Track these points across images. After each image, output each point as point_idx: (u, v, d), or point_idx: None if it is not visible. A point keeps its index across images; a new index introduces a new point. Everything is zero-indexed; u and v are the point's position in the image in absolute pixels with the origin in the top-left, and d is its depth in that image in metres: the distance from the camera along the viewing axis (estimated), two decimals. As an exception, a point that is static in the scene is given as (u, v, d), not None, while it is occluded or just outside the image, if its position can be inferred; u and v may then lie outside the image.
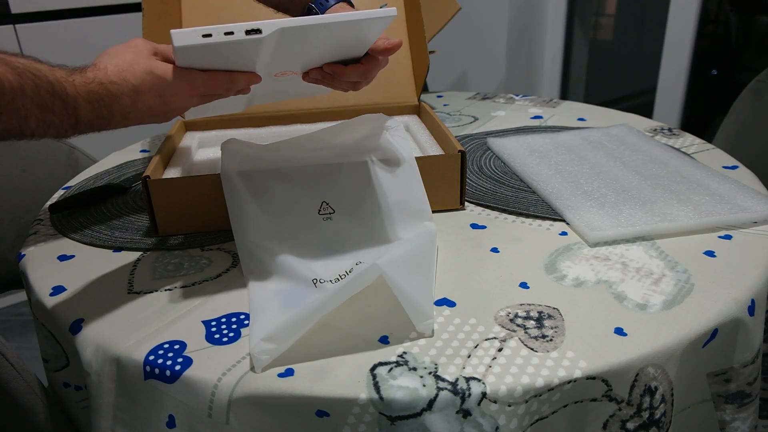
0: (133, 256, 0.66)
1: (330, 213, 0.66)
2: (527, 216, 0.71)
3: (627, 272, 0.58)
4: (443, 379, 0.45)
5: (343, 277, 0.58)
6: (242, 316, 0.54)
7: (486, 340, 0.49)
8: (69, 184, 0.87)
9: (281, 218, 0.65)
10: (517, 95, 1.20)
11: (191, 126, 0.92)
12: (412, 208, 0.67)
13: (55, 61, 0.50)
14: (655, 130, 0.97)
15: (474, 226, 0.69)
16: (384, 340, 0.50)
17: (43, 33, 1.58)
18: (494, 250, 0.63)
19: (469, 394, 0.44)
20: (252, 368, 0.47)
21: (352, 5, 0.68)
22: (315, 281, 0.57)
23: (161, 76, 0.52)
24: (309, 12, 0.67)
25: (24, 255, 0.67)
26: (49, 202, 0.80)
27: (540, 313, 0.53)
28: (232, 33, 0.50)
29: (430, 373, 0.46)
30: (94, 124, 0.50)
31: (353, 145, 0.68)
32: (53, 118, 0.47)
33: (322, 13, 0.66)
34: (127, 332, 0.52)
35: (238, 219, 0.64)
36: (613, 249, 0.63)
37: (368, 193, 0.66)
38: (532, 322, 0.52)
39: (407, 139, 0.69)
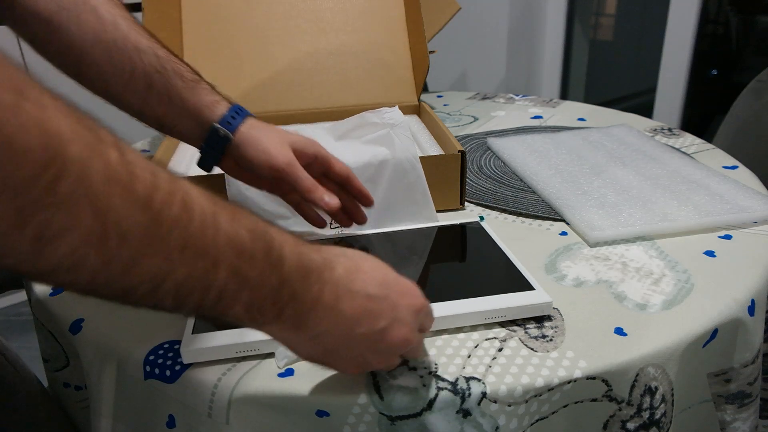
0: (133, 256, 0.65)
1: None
2: (527, 216, 0.71)
3: (627, 272, 0.58)
4: (443, 379, 0.45)
5: None
6: (242, 316, 0.54)
7: (486, 340, 0.49)
8: (69, 184, 0.87)
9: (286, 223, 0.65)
10: (517, 95, 1.20)
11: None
12: (416, 211, 0.67)
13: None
14: (655, 130, 0.97)
15: (474, 226, 0.69)
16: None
17: (43, 33, 1.58)
18: (494, 250, 0.63)
19: (469, 394, 0.44)
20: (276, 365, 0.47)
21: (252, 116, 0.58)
22: None
23: (389, 268, 0.41)
24: (214, 135, 0.54)
25: (24, 255, 0.67)
26: (49, 202, 0.80)
27: (540, 313, 0.53)
28: None
29: (430, 372, 0.46)
30: (298, 296, 0.35)
31: (357, 146, 0.68)
32: (251, 270, 0.32)
33: (232, 133, 0.54)
34: (128, 332, 0.52)
35: None
36: (613, 249, 0.63)
37: (374, 199, 0.66)
38: (532, 322, 0.52)
39: (411, 139, 0.68)
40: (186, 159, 0.80)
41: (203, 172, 0.74)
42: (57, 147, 0.23)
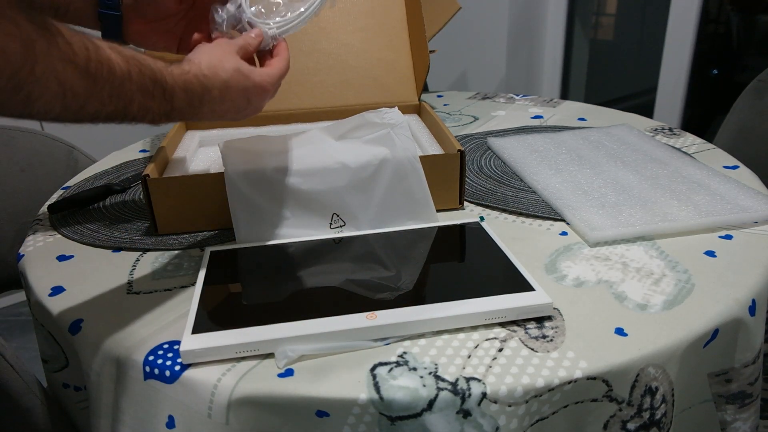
0: (133, 256, 0.66)
1: (341, 225, 0.66)
2: (527, 216, 0.71)
3: (627, 272, 0.58)
4: (443, 380, 0.45)
5: None
6: (242, 317, 0.54)
7: (486, 340, 0.49)
8: (68, 184, 0.87)
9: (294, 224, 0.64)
10: (517, 95, 1.20)
11: (192, 125, 0.92)
12: (416, 211, 0.67)
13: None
14: (656, 129, 0.97)
15: (474, 226, 0.69)
16: (384, 340, 0.50)
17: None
18: (494, 250, 0.63)
19: (470, 395, 0.44)
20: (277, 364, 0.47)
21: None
22: None
23: (247, 75, 0.57)
24: (103, 20, 0.60)
25: (23, 255, 0.67)
26: (48, 202, 0.80)
27: (540, 313, 0.53)
28: None
29: (430, 373, 0.46)
30: (185, 113, 0.54)
31: (357, 146, 0.68)
32: (152, 104, 0.50)
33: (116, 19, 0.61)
34: (127, 332, 0.52)
35: (241, 221, 0.64)
36: (613, 249, 0.63)
37: (374, 199, 0.66)
38: (533, 322, 0.51)
39: (412, 139, 0.68)
40: (182, 160, 0.80)
41: (203, 172, 0.74)
42: (30, 46, 0.38)
